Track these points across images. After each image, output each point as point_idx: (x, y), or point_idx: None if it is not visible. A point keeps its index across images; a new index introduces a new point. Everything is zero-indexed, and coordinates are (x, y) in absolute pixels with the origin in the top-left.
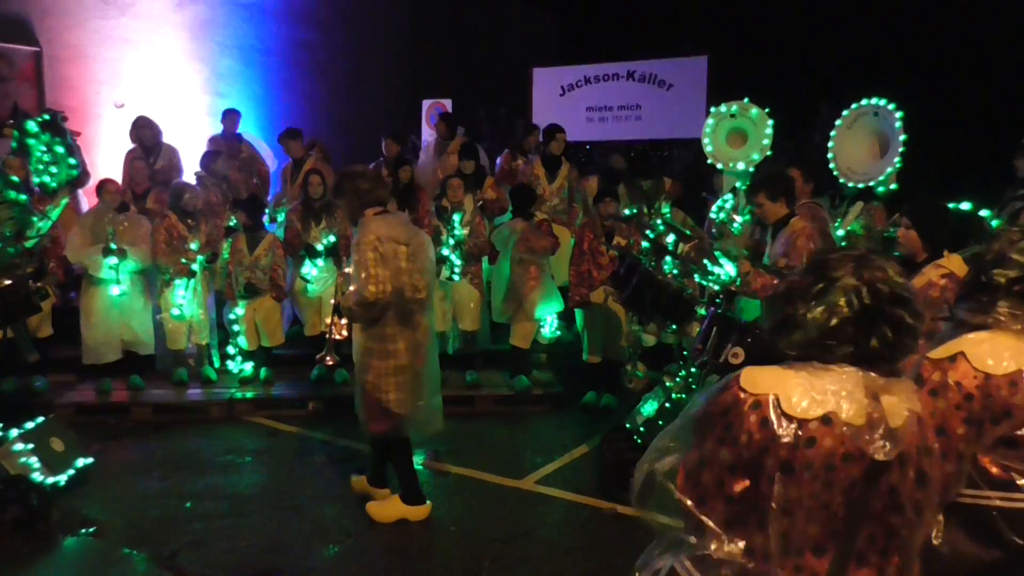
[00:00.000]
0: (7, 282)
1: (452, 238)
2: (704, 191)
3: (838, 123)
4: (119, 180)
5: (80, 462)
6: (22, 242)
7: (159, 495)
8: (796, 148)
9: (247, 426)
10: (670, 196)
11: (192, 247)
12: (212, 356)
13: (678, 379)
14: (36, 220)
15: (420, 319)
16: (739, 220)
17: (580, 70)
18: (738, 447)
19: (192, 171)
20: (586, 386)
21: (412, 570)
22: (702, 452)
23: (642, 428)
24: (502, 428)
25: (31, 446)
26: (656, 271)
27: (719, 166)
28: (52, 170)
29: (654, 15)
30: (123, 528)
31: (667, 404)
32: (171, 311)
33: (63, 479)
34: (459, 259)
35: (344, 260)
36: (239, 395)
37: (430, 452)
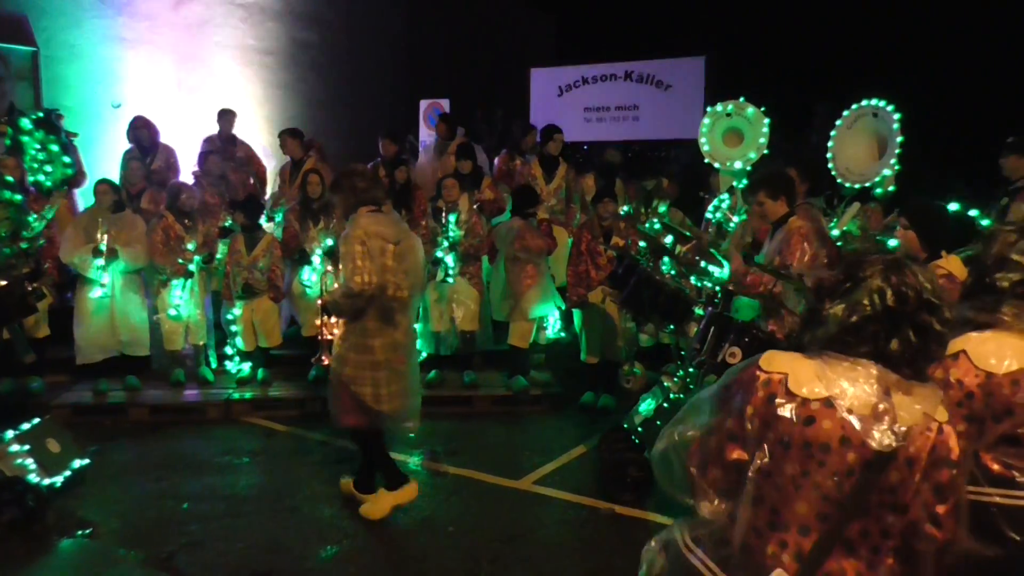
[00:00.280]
0: (3, 283)
1: (446, 239)
2: (701, 191)
3: (838, 123)
4: (116, 180)
5: (76, 463)
6: (18, 243)
7: (156, 496)
8: (793, 148)
9: (244, 427)
10: (668, 196)
11: (189, 247)
12: (209, 357)
13: (676, 379)
14: (32, 221)
15: (401, 319)
16: (735, 219)
17: (578, 70)
18: (743, 419)
19: (189, 171)
20: (584, 386)
21: (410, 570)
22: (713, 421)
23: (640, 428)
24: (500, 428)
25: (27, 447)
26: (654, 271)
27: (716, 165)
28: (47, 169)
29: (652, 15)
30: (119, 529)
31: (665, 404)
32: (168, 311)
33: (59, 480)
34: (454, 260)
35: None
36: (236, 396)
37: (428, 452)
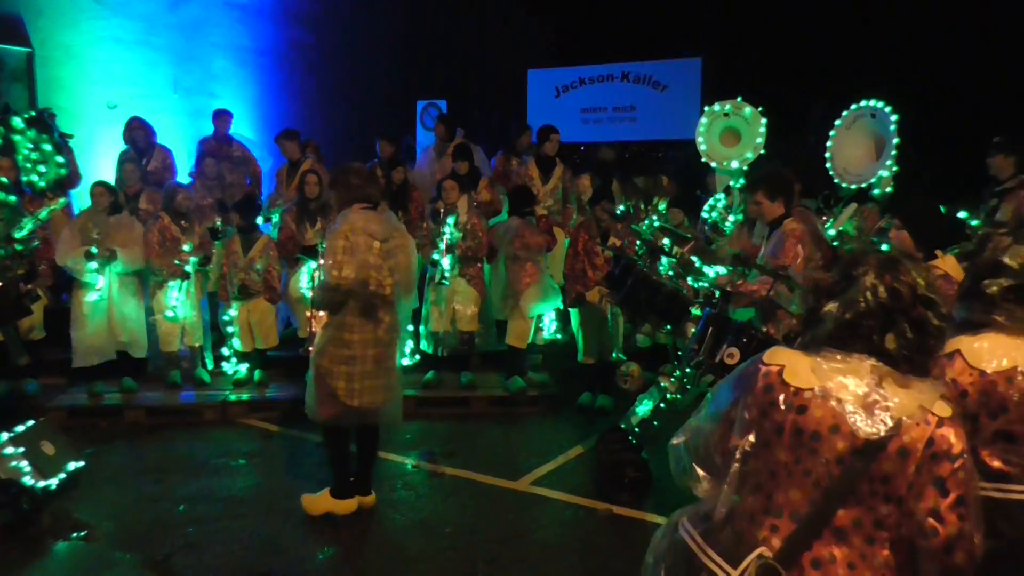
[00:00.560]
0: None
1: (442, 241)
2: (698, 190)
3: (837, 123)
4: (111, 182)
5: (71, 466)
6: (12, 244)
7: (152, 498)
8: (789, 149)
9: (241, 429)
10: (667, 195)
11: (185, 248)
12: (205, 358)
13: (673, 379)
14: (26, 222)
15: (383, 316)
16: (731, 219)
17: (575, 71)
18: (743, 408)
19: (185, 172)
20: (581, 387)
21: (407, 572)
22: (719, 411)
23: (637, 429)
24: (497, 429)
25: (22, 450)
26: (651, 271)
27: (713, 165)
28: (40, 169)
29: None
30: (115, 532)
31: (662, 405)
32: (165, 313)
33: (54, 483)
34: (452, 262)
35: None
36: (233, 397)
37: (425, 453)
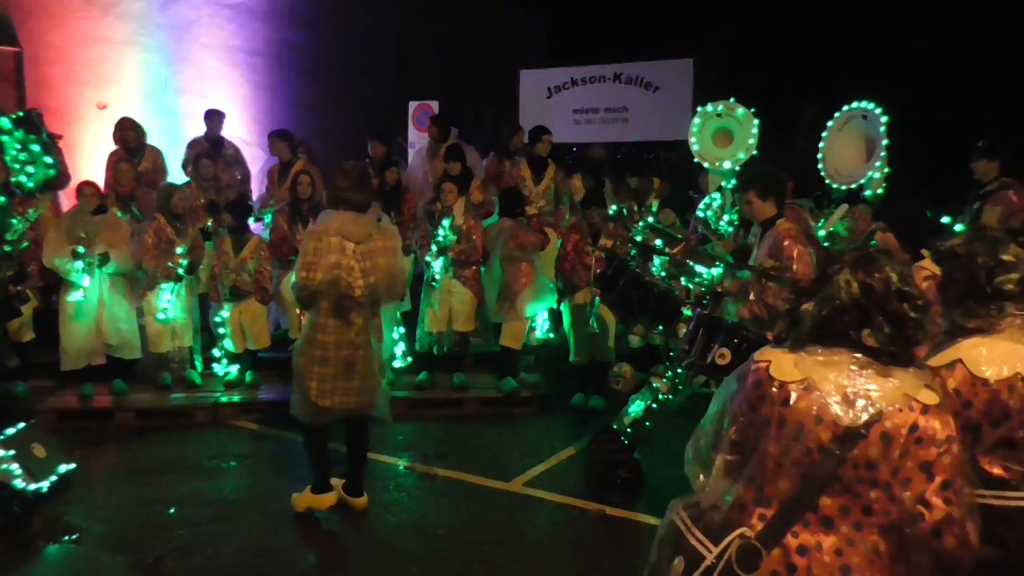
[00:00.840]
0: None
1: (435, 244)
2: (691, 190)
3: (829, 124)
4: (100, 182)
5: (62, 468)
6: (1, 246)
7: (143, 501)
8: (780, 150)
9: (232, 430)
10: (659, 195)
11: (179, 251)
12: (195, 360)
13: (665, 380)
14: (15, 223)
15: (356, 318)
16: (726, 219)
17: (567, 72)
18: (735, 403)
19: (176, 173)
20: (574, 388)
21: (399, 574)
22: (715, 410)
23: (629, 429)
24: (490, 430)
25: (12, 452)
26: (643, 272)
27: (705, 165)
28: (29, 170)
29: (640, 18)
30: (106, 535)
31: (654, 405)
32: (156, 315)
33: (45, 486)
34: (444, 264)
35: None
36: (224, 399)
37: (417, 455)
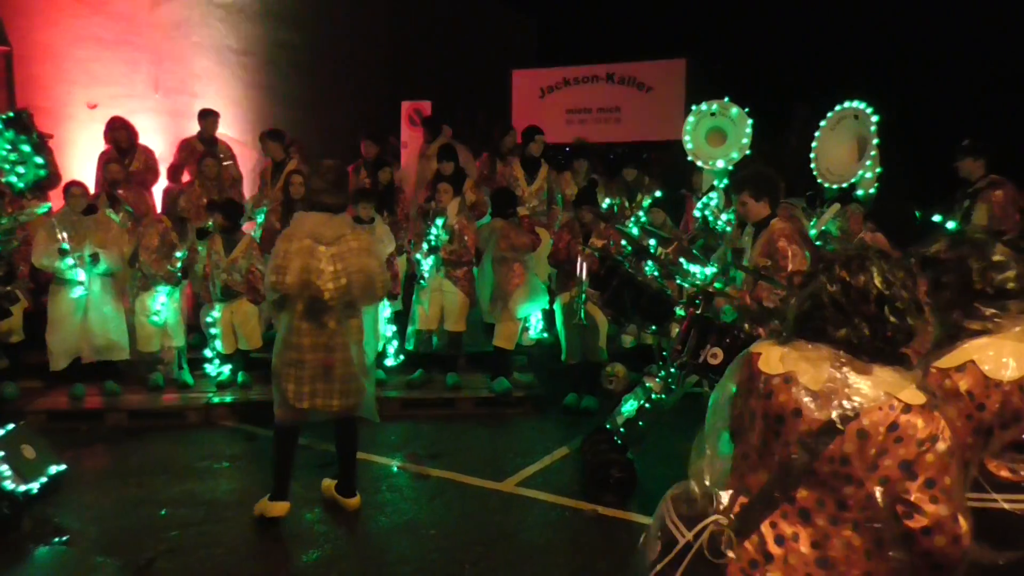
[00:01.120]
0: None
1: (426, 243)
2: (683, 189)
3: (822, 124)
4: (90, 182)
5: (53, 469)
6: None
7: (134, 502)
8: (772, 150)
9: (224, 431)
10: (649, 191)
11: (178, 255)
12: (183, 361)
13: (658, 380)
14: (4, 221)
15: (328, 320)
16: (724, 217)
17: (559, 72)
18: (731, 395)
19: (166, 172)
20: (567, 388)
21: (392, 574)
22: (714, 402)
23: (622, 429)
24: (483, 430)
25: (2, 454)
26: (636, 272)
27: (699, 163)
28: (19, 170)
29: (633, 18)
30: (97, 536)
31: (647, 405)
32: (149, 317)
33: (35, 487)
34: (433, 263)
35: None
36: (216, 400)
37: (410, 455)
